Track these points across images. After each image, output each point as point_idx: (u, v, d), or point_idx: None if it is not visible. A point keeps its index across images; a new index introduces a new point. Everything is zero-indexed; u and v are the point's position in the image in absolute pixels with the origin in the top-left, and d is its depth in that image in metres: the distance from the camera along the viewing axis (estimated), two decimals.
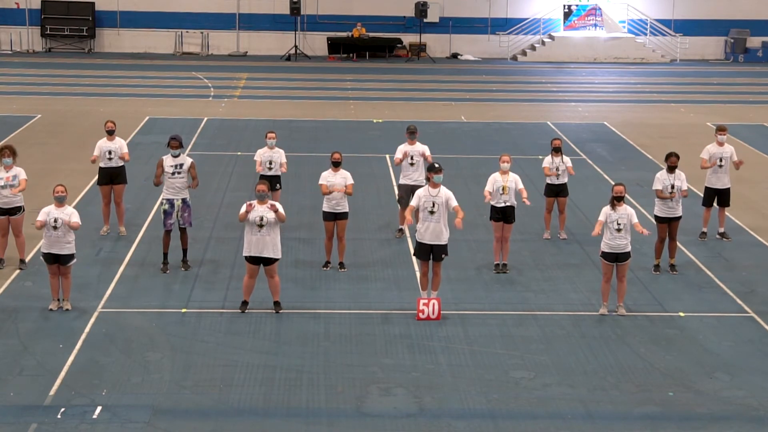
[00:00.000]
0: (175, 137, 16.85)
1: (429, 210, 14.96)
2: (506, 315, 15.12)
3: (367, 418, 11.90)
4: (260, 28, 45.45)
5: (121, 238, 18.32)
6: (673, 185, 16.85)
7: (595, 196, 21.14)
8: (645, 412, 12.17)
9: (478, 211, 19.34)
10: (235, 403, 12.20)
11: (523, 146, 26.63)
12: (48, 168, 22.95)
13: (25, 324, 14.35)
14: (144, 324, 14.49)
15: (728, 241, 18.85)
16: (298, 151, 24.66)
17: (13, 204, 16.50)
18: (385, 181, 22.73)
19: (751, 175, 23.26)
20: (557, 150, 18.47)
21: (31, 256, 16.94)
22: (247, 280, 14.94)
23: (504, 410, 12.16)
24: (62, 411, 11.83)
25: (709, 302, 15.85)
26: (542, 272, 17.01)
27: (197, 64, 42.05)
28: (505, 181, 16.81)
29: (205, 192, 20.72)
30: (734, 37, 46.17)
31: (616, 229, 14.88)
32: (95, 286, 15.87)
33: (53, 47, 44.79)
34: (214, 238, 18.51)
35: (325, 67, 42.73)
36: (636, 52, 45.40)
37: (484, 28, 45.99)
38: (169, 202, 16.67)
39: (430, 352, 13.73)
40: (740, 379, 13.12)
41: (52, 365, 13.02)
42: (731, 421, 11.99)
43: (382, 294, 15.93)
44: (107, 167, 18.57)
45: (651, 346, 14.08)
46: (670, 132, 29.21)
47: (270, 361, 13.33)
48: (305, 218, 19.56)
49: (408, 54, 45.45)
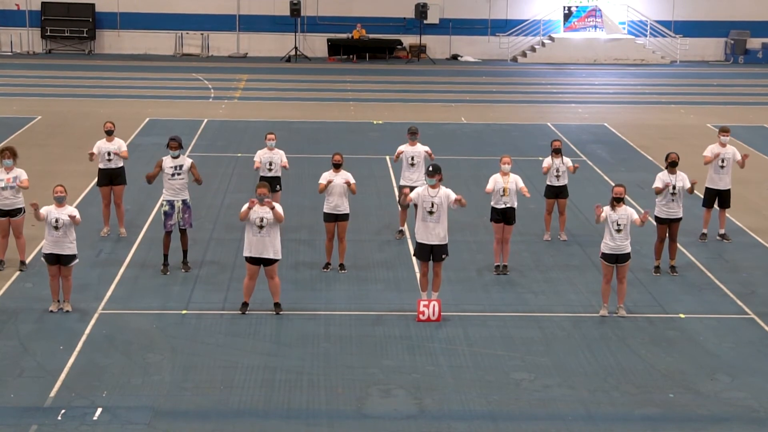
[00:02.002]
0: (174, 138, 16.84)
1: (428, 210, 14.95)
2: (506, 316, 15.12)
3: (368, 420, 11.90)
4: (260, 29, 45.43)
5: (121, 240, 18.32)
6: (674, 186, 16.85)
7: (595, 197, 21.08)
8: (645, 414, 12.17)
9: (478, 213, 19.33)
10: (235, 404, 12.19)
11: (523, 147, 26.62)
12: (48, 169, 22.94)
13: (25, 325, 14.35)
14: (144, 325, 14.48)
15: (729, 242, 18.85)
16: (298, 153, 24.65)
17: (13, 205, 16.50)
18: (385, 183, 22.72)
19: (752, 176, 23.24)
20: (557, 151, 18.48)
21: (31, 257, 16.94)
22: (247, 281, 14.93)
23: (504, 411, 12.16)
24: (62, 412, 11.83)
25: (710, 303, 15.84)
26: (542, 273, 17.01)
27: (197, 66, 42.04)
28: (505, 183, 16.81)
29: (205, 193, 20.72)
30: (734, 39, 46.16)
31: (616, 230, 14.88)
32: (95, 287, 15.86)
33: (53, 48, 44.78)
34: (215, 240, 18.51)
35: (325, 68, 42.73)
36: (636, 53, 45.39)
37: (484, 29, 45.98)
38: (169, 204, 16.66)
39: (431, 354, 13.72)
40: (741, 380, 13.11)
41: (53, 367, 13.02)
42: (732, 423, 11.99)
43: (383, 295, 15.92)
44: (107, 168, 18.58)
45: (651, 347, 14.07)
46: (670, 133, 29.20)
47: (270, 363, 13.32)
48: (306, 219, 19.56)
49: (408, 55, 45.43)
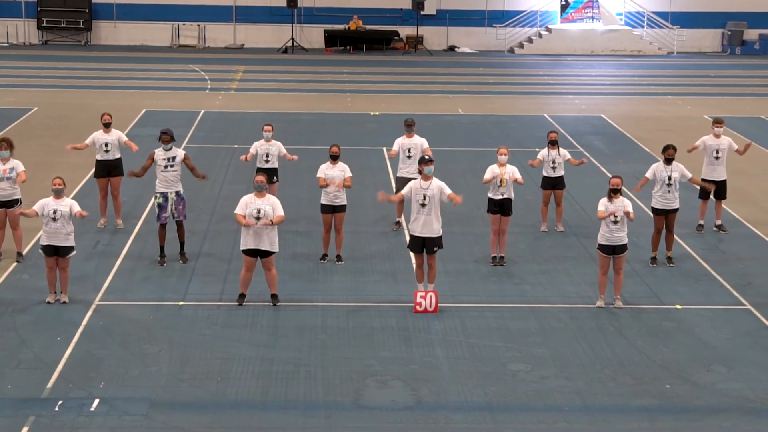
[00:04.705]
0: (166, 131, 16.85)
1: (420, 203, 14.93)
2: (503, 307, 15.13)
3: (365, 411, 11.91)
4: (257, 20, 45.37)
5: (119, 231, 18.31)
6: (670, 177, 16.87)
7: (592, 188, 21.13)
8: (642, 405, 12.19)
9: (475, 204, 19.33)
10: (232, 395, 12.20)
11: (520, 139, 26.62)
12: (45, 161, 22.91)
13: (22, 317, 14.35)
14: (141, 317, 14.49)
15: (725, 233, 18.87)
16: (295, 144, 24.57)
17: (10, 197, 16.49)
18: (382, 174, 22.71)
19: (749, 167, 23.27)
20: (554, 143, 18.48)
21: (28, 248, 16.93)
22: (244, 273, 14.93)
23: (501, 403, 12.17)
24: (60, 404, 11.83)
25: (706, 294, 15.86)
26: (539, 265, 17.02)
27: (194, 57, 41.98)
28: (502, 174, 16.81)
29: (202, 185, 20.67)
30: (731, 30, 46.15)
31: (613, 222, 14.89)
32: (93, 278, 15.86)
33: (50, 40, 44.69)
34: (212, 231, 18.50)
35: (322, 59, 42.68)
36: (633, 44, 45.38)
37: (481, 20, 45.94)
38: (163, 196, 16.66)
39: (428, 345, 13.74)
40: (737, 371, 13.14)
41: (50, 358, 13.02)
42: (728, 414, 12.01)
43: (380, 287, 15.93)
44: (104, 160, 18.57)
45: (648, 338, 14.10)
46: (667, 124, 29.20)
47: (267, 354, 13.34)
48: (303, 211, 19.55)
49: (405, 47, 45.39)
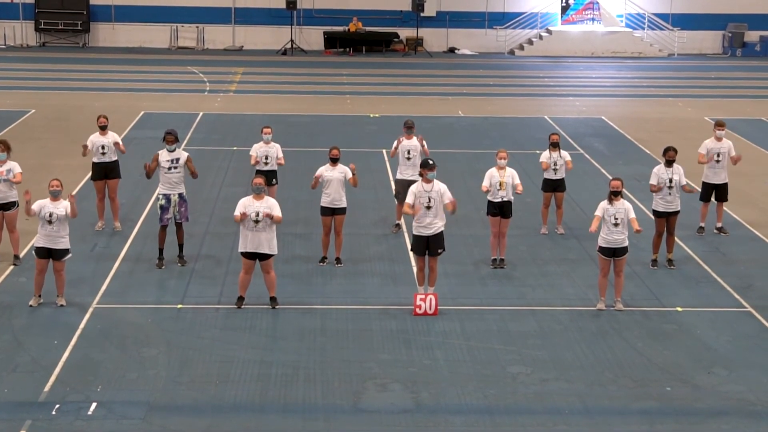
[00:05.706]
0: (171, 132, 16.77)
1: (425, 205, 14.89)
2: (503, 310, 15.07)
3: (364, 414, 11.85)
4: (256, 22, 45.34)
5: (116, 234, 18.25)
6: (671, 179, 16.82)
7: (592, 190, 21.08)
8: (642, 407, 12.12)
9: (475, 206, 19.27)
10: (231, 399, 12.14)
11: (520, 141, 26.57)
12: (42, 163, 22.86)
13: (19, 320, 14.28)
14: (139, 320, 14.42)
15: (726, 235, 18.82)
16: (294, 146, 24.57)
17: (7, 199, 16.42)
18: (381, 176, 22.65)
19: (749, 169, 23.22)
20: (555, 145, 18.43)
21: (25, 251, 16.86)
22: (243, 275, 14.87)
23: (501, 405, 12.11)
24: (57, 407, 11.77)
25: (707, 297, 15.81)
26: (539, 267, 16.96)
27: (193, 59, 41.95)
28: (502, 177, 16.76)
29: (200, 187, 20.64)
30: (732, 32, 46.13)
31: (614, 224, 14.83)
32: (90, 281, 15.80)
33: (47, 41, 44.65)
34: (210, 234, 18.44)
35: (322, 61, 42.64)
36: (633, 46, 45.36)
37: (482, 22, 45.92)
38: (166, 197, 16.60)
39: (427, 348, 13.68)
40: (738, 373, 13.08)
41: (47, 361, 12.96)
42: (729, 416, 11.95)
43: (379, 289, 15.87)
44: (101, 162, 18.49)
45: (648, 341, 14.04)
46: (667, 126, 29.16)
47: (266, 357, 13.27)
48: (302, 213, 19.49)
49: (405, 48, 45.37)
